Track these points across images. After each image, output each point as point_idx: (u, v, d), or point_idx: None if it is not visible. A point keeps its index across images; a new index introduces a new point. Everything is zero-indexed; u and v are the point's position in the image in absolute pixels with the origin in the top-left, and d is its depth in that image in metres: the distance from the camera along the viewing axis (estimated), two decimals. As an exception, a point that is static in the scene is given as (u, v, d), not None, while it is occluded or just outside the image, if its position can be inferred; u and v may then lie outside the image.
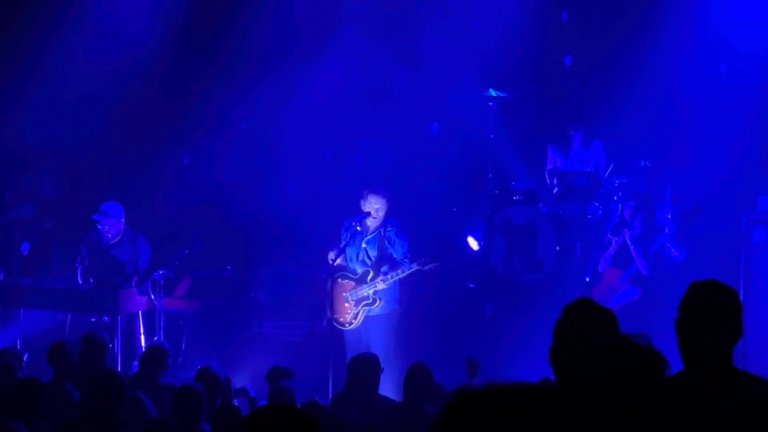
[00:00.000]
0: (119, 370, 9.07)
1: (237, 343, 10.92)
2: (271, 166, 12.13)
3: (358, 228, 9.63)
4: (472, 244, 11.33)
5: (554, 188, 11.20)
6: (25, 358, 8.93)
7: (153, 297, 10.15)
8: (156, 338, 9.97)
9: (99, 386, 6.45)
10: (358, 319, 9.72)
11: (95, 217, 10.43)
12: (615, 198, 10.80)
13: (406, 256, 9.71)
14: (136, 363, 8.97)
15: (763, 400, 2.34)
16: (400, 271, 9.61)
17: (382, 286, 9.66)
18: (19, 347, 9.88)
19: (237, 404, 7.41)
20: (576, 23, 11.95)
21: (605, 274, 10.22)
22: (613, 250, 10.15)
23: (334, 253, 9.64)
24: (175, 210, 11.58)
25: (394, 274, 9.62)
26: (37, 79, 11.87)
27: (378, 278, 9.65)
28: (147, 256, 10.59)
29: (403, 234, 9.77)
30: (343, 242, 9.67)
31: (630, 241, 10.06)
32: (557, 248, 10.85)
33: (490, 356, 9.85)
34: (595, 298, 4.12)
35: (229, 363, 10.27)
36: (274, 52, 12.00)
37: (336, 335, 9.68)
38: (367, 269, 9.70)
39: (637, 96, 11.33)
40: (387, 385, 8.19)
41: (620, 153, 11.26)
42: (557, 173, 11.23)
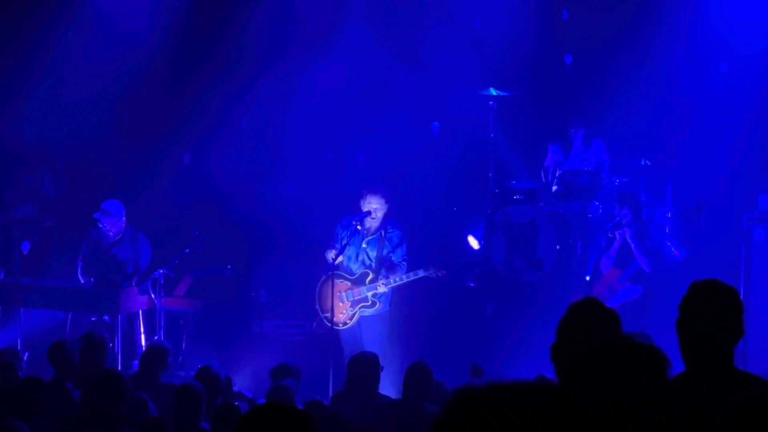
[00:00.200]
0: (119, 370, 9.07)
1: (237, 343, 10.91)
2: (272, 165, 12.12)
3: (358, 227, 9.60)
4: (473, 243, 11.33)
5: (549, 186, 11.22)
6: (26, 358, 8.94)
7: (153, 296, 10.15)
8: (156, 337, 9.97)
9: (100, 385, 6.45)
10: (353, 320, 9.70)
11: (96, 216, 10.43)
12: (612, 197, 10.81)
13: (404, 260, 9.69)
14: (137, 362, 8.98)
15: (761, 399, 2.34)
16: (405, 277, 9.57)
17: (383, 290, 9.63)
18: (19, 346, 9.89)
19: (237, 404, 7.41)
20: (576, 22, 11.94)
21: (605, 274, 10.22)
22: (616, 247, 10.13)
23: (335, 252, 9.61)
24: (176, 209, 11.58)
25: (397, 279, 9.58)
26: (37, 78, 11.87)
27: (379, 281, 9.61)
28: (148, 255, 10.60)
29: (404, 237, 9.75)
30: (343, 241, 9.64)
31: (630, 239, 10.05)
32: (557, 247, 10.86)
33: (490, 355, 9.86)
34: (596, 297, 4.12)
35: (229, 362, 10.25)
36: (275, 51, 12.00)
37: (331, 333, 9.67)
38: (367, 271, 9.67)
39: (637, 95, 11.32)
40: (384, 384, 8.17)
41: (621, 152, 11.26)
42: (556, 172, 11.23)
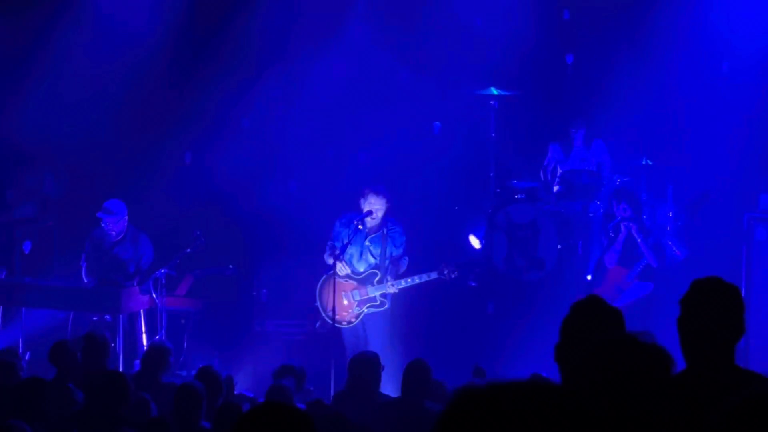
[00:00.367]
0: (121, 369, 9.08)
1: (239, 342, 10.90)
2: (273, 164, 12.12)
3: (360, 227, 9.60)
4: (474, 242, 11.33)
5: (548, 185, 11.22)
6: (27, 357, 8.94)
7: (155, 295, 10.16)
8: (158, 337, 9.97)
9: (104, 387, 6.45)
10: (358, 319, 9.71)
11: (99, 215, 10.43)
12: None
13: (406, 255, 9.73)
14: (138, 362, 8.97)
15: (762, 398, 2.34)
16: (417, 278, 9.61)
17: (393, 290, 9.65)
18: (21, 346, 9.89)
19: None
20: (577, 22, 11.95)
21: (611, 272, 10.20)
22: (621, 240, 10.08)
23: (338, 251, 9.60)
24: (177, 208, 11.57)
25: (408, 280, 9.61)
26: (39, 77, 11.86)
27: (388, 281, 9.63)
28: (149, 254, 10.59)
29: (404, 233, 9.78)
30: (344, 240, 9.64)
31: (636, 234, 10.02)
32: (559, 246, 10.86)
33: (491, 354, 9.87)
34: (603, 297, 4.11)
35: (230, 361, 10.26)
36: (275, 50, 12.00)
37: (333, 332, 9.67)
38: (374, 270, 9.67)
39: (638, 94, 11.33)
40: (386, 382, 8.17)
41: (621, 151, 11.26)
42: (556, 171, 11.24)
